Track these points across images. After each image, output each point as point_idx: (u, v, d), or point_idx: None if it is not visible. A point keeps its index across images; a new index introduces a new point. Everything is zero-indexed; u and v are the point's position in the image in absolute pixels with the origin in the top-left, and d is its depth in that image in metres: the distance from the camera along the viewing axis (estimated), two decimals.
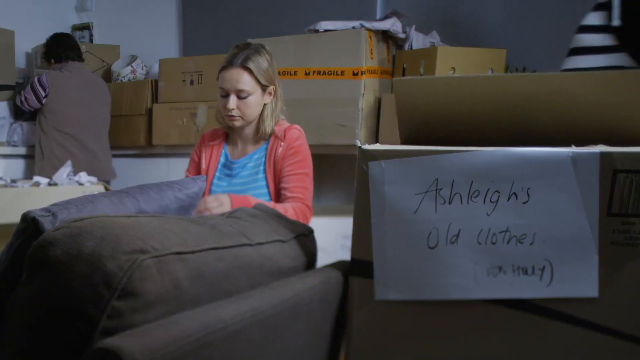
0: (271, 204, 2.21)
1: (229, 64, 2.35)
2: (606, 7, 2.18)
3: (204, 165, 2.47)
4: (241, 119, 2.37)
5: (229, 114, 2.36)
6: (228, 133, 2.50)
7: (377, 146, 1.26)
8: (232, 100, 2.34)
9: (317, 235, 1.55)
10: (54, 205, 1.26)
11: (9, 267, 1.25)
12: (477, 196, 1.19)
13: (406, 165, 1.22)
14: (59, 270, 1.03)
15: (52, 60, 4.22)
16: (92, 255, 1.01)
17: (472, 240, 1.20)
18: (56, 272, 1.03)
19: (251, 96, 2.34)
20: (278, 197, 2.35)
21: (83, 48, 4.54)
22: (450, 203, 1.20)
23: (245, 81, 2.32)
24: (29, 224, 1.21)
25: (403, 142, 1.52)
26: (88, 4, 5.35)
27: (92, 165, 4.00)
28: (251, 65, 2.32)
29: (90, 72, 4.32)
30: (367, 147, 1.26)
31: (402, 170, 1.22)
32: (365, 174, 1.25)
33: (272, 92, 2.39)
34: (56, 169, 3.62)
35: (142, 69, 4.70)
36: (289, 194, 2.30)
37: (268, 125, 2.39)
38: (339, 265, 1.42)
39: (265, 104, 2.39)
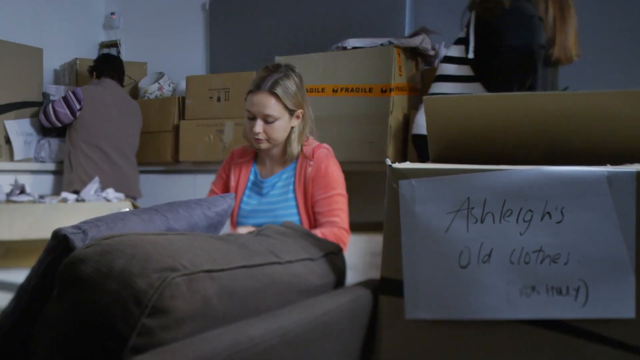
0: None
1: (256, 88, 2.36)
2: (464, 42, 2.50)
3: (232, 183, 2.49)
4: (267, 142, 2.40)
5: (256, 137, 2.39)
6: (257, 153, 2.53)
7: (407, 164, 1.27)
8: (259, 125, 2.36)
9: (346, 253, 1.56)
10: (84, 222, 1.29)
11: (39, 283, 1.27)
12: (509, 215, 1.19)
13: (437, 184, 1.22)
14: (90, 288, 1.04)
15: (94, 74, 4.32)
16: (122, 273, 1.03)
17: (504, 260, 1.20)
18: (87, 290, 1.05)
19: (278, 121, 2.36)
20: (309, 217, 2.36)
21: None
22: (482, 222, 1.20)
23: (272, 106, 2.35)
24: (60, 241, 1.23)
25: (433, 160, 1.52)
26: (116, 22, 5.45)
27: (120, 180, 4.06)
28: (279, 90, 2.34)
29: (125, 93, 4.40)
30: (397, 165, 1.27)
31: (433, 189, 1.22)
32: (396, 193, 1.26)
33: (300, 116, 2.41)
34: (84, 182, 3.68)
35: (169, 85, 4.76)
36: (323, 219, 2.32)
37: (295, 148, 2.41)
38: (368, 284, 1.42)
39: (292, 127, 2.41)
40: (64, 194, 2.49)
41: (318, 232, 2.24)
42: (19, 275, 2.09)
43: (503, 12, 2.43)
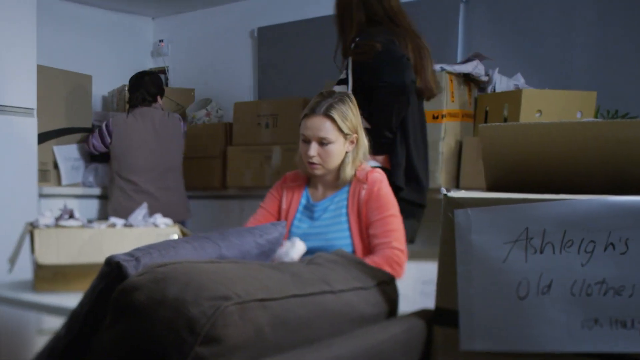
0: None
1: (311, 112, 2.40)
2: (345, 82, 2.89)
3: (284, 206, 2.51)
4: (321, 167, 2.41)
5: (310, 161, 2.40)
6: (309, 178, 2.54)
7: (463, 193, 1.27)
8: (314, 148, 2.39)
9: (402, 276, 1.56)
10: (137, 249, 1.32)
11: (92, 309, 1.30)
12: (570, 246, 1.18)
13: (495, 213, 1.22)
14: (143, 315, 1.07)
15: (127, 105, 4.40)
16: (176, 301, 1.05)
17: (565, 291, 1.19)
18: (140, 317, 1.07)
19: (333, 144, 2.38)
20: (362, 240, 2.37)
21: None
22: (541, 252, 1.19)
23: (327, 129, 2.37)
24: (113, 267, 1.27)
25: (489, 189, 1.52)
26: (164, 49, 5.58)
27: (155, 210, 4.09)
28: (334, 114, 2.37)
29: (160, 112, 4.33)
30: (453, 194, 1.27)
31: (490, 218, 1.22)
32: (451, 222, 1.26)
33: (355, 141, 2.43)
34: (117, 213, 3.73)
35: (217, 112, 4.84)
36: (377, 241, 2.33)
37: (348, 173, 2.42)
38: (422, 314, 1.42)
39: (346, 152, 2.43)
40: (112, 219, 2.54)
41: (369, 261, 2.24)
42: (67, 299, 2.15)
43: (377, 54, 2.78)
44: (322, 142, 2.38)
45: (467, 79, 3.48)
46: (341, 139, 2.39)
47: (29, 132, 3.84)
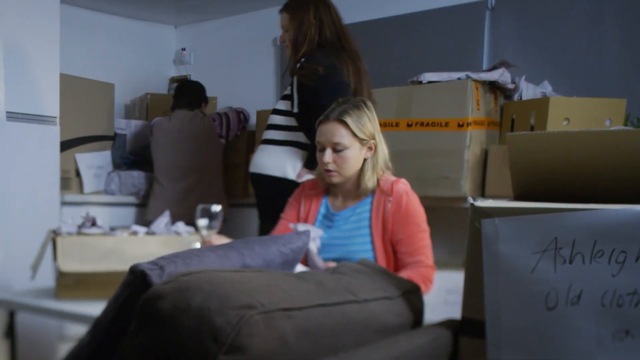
0: None
1: (325, 118, 2.40)
2: (289, 98, 3.08)
3: (302, 214, 2.51)
4: (338, 174, 2.39)
5: (326, 168, 2.39)
6: (329, 187, 2.53)
7: (490, 203, 1.27)
8: (328, 154, 2.37)
9: (430, 290, 1.56)
10: (162, 258, 1.33)
11: (116, 318, 1.32)
12: (601, 256, 1.17)
13: (523, 223, 1.21)
14: (167, 324, 1.08)
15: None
16: (200, 310, 1.05)
17: (595, 302, 1.18)
18: (164, 326, 1.08)
19: (348, 150, 2.36)
20: (386, 253, 2.35)
21: None
22: (570, 263, 1.18)
23: (340, 134, 2.35)
24: (137, 276, 1.28)
25: (516, 198, 1.51)
26: (186, 58, 5.62)
27: (182, 212, 4.15)
28: (347, 118, 2.35)
29: (195, 113, 4.46)
30: (479, 203, 1.26)
31: (518, 228, 1.22)
32: (478, 232, 1.25)
33: (373, 147, 2.40)
34: (153, 213, 3.91)
35: None
36: (409, 259, 2.31)
37: (369, 181, 2.39)
38: (447, 324, 1.42)
39: (365, 159, 2.40)
40: (134, 227, 2.56)
41: (404, 275, 2.22)
42: (89, 307, 2.17)
43: (318, 78, 2.95)
44: (337, 148, 2.36)
45: (493, 87, 3.47)
46: (356, 144, 2.37)
47: (52, 140, 3.89)
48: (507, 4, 3.89)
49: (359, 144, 2.38)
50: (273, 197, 3.00)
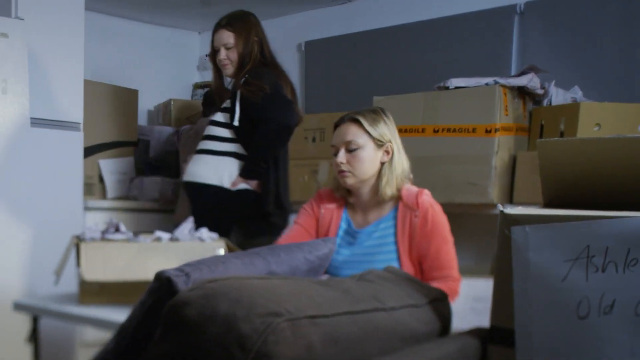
0: None
1: (339, 121, 2.39)
2: (229, 111, 3.23)
3: (322, 226, 2.46)
4: (352, 175, 2.33)
5: (339, 169, 2.33)
6: (346, 200, 2.47)
7: (520, 210, 1.26)
8: (341, 154, 2.32)
9: (456, 300, 1.55)
10: (187, 265, 1.34)
11: (141, 324, 1.33)
12: (635, 265, 1.16)
13: (554, 230, 1.21)
14: (193, 331, 1.08)
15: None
16: (226, 317, 1.06)
17: (628, 312, 1.17)
18: (190, 333, 1.09)
19: (361, 150, 2.31)
20: (414, 267, 2.32)
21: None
22: (603, 271, 1.18)
23: (353, 133, 2.31)
24: (163, 283, 1.29)
25: (546, 205, 1.50)
26: (210, 63, 5.64)
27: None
28: (361, 118, 2.32)
29: None
30: (509, 211, 1.26)
31: (549, 236, 1.21)
32: (507, 239, 1.25)
33: (390, 151, 2.35)
34: (178, 217, 3.94)
35: None
36: (437, 274, 2.28)
37: (387, 187, 2.33)
38: (476, 332, 1.41)
39: (382, 164, 2.36)
40: (158, 233, 2.57)
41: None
42: (112, 313, 2.19)
43: (265, 95, 3.14)
44: (350, 148, 2.32)
45: (522, 92, 3.46)
46: (371, 145, 2.32)
47: (75, 146, 3.93)
48: (536, 8, 3.87)
49: (374, 144, 2.33)
50: (208, 204, 3.24)
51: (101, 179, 4.47)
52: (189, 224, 2.64)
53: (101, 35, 4.98)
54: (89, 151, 4.26)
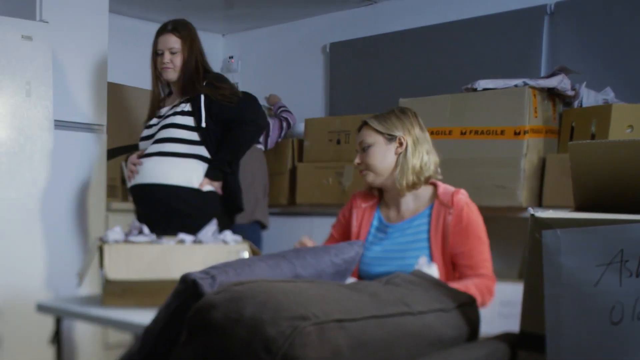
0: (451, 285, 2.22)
1: (358, 128, 2.51)
2: (191, 114, 3.29)
3: (354, 229, 2.51)
4: (368, 171, 2.45)
5: (358, 170, 2.49)
6: (380, 197, 2.54)
7: (551, 213, 1.25)
8: (358, 156, 2.47)
9: (491, 301, 1.54)
10: (213, 267, 1.35)
11: (166, 327, 1.34)
12: None
13: (587, 234, 1.20)
14: (220, 334, 1.09)
15: None
16: (252, 320, 1.07)
17: None
18: (216, 336, 1.09)
19: (372, 147, 2.43)
20: (445, 266, 2.33)
21: None
22: (637, 276, 1.16)
23: (363, 134, 2.46)
24: (189, 285, 1.30)
25: (578, 209, 1.49)
26: (234, 65, 5.68)
27: None
28: (371, 119, 2.45)
29: None
30: (540, 214, 1.25)
31: (581, 239, 1.20)
32: (538, 243, 1.24)
33: (404, 142, 2.40)
34: None
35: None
36: (470, 272, 2.29)
37: (404, 178, 2.38)
38: (505, 337, 1.41)
39: (397, 157, 2.41)
40: (181, 235, 2.59)
41: (465, 285, 2.20)
42: (135, 315, 2.21)
43: (242, 98, 3.32)
44: (364, 149, 2.45)
45: (552, 94, 3.43)
46: (380, 140, 2.42)
47: (99, 148, 3.97)
48: (566, 8, 3.85)
49: (384, 139, 2.42)
50: (176, 205, 3.24)
51: (124, 181, 4.51)
52: (212, 226, 2.65)
53: (125, 37, 5.02)
54: (112, 153, 4.30)
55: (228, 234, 2.62)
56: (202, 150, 3.29)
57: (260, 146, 4.55)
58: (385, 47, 4.69)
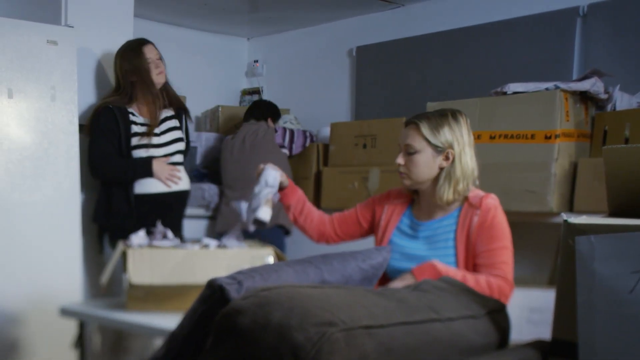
0: (460, 274, 2.20)
1: (407, 121, 2.43)
2: (180, 127, 3.77)
3: (382, 222, 2.51)
4: (407, 177, 2.40)
5: (399, 170, 2.42)
6: (413, 197, 2.53)
7: (584, 219, 1.25)
8: (400, 155, 2.40)
9: None
10: (239, 273, 1.36)
11: (192, 332, 1.35)
12: None
13: (621, 240, 1.19)
14: (247, 340, 1.10)
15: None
16: (280, 326, 1.07)
17: None
18: (243, 341, 1.10)
19: (418, 154, 2.35)
20: (467, 268, 2.33)
21: None
22: None
23: (411, 137, 2.37)
24: (215, 290, 1.30)
25: (612, 214, 1.48)
26: (259, 70, 5.70)
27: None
28: (423, 122, 2.36)
29: (259, 125, 4.55)
30: (574, 220, 1.24)
31: (616, 246, 1.19)
32: (571, 249, 1.23)
33: (451, 157, 2.36)
34: (222, 225, 4.25)
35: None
36: (486, 271, 2.28)
37: (445, 193, 2.35)
38: (536, 345, 1.40)
39: (441, 169, 2.37)
40: (205, 240, 2.60)
41: (476, 278, 2.19)
42: (158, 319, 2.22)
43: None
44: (408, 151, 2.37)
45: (584, 97, 3.40)
46: (429, 150, 2.35)
47: None
48: (599, 10, 3.81)
49: (432, 150, 2.36)
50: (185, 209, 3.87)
51: None
52: (236, 230, 2.66)
53: None
54: None
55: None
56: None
57: (285, 150, 4.56)
58: (412, 50, 4.68)
